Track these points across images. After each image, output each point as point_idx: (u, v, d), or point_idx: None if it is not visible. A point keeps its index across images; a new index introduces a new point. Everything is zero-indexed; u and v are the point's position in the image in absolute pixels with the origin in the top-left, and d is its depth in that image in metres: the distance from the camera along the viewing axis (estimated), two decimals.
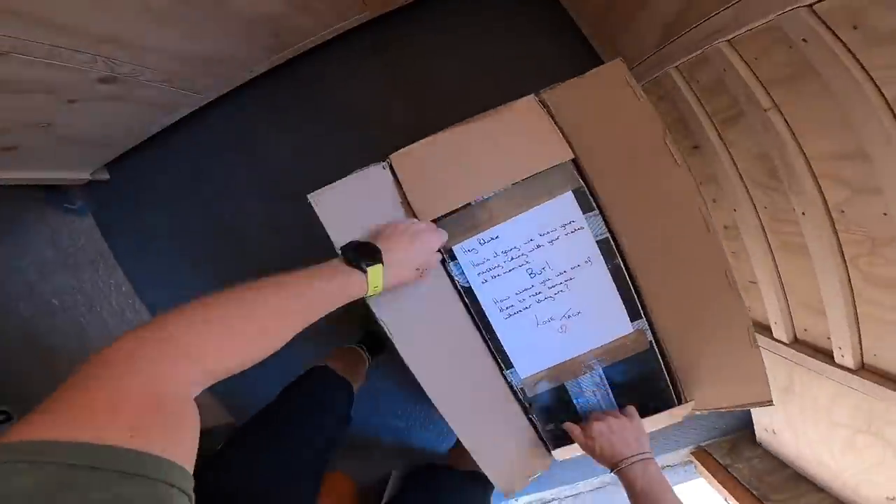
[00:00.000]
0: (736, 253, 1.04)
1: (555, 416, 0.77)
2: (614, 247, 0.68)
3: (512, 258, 0.69)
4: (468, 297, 0.70)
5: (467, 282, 0.70)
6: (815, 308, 0.85)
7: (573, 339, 0.71)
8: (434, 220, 0.68)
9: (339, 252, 0.55)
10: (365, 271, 0.53)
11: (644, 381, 0.75)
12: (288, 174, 1.37)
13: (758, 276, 0.94)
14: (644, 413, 0.76)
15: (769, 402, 0.70)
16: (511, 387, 0.74)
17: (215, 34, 1.03)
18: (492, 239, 0.69)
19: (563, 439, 0.79)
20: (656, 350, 0.72)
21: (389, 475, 1.57)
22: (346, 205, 0.69)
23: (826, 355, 0.88)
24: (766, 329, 1.03)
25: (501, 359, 0.72)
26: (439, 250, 0.67)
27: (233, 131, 1.38)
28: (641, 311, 0.70)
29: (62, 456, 0.24)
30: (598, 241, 0.68)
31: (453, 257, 0.70)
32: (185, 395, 0.34)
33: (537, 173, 0.68)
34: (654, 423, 0.78)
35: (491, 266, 0.69)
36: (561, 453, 0.79)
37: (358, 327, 1.42)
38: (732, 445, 1.43)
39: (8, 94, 0.87)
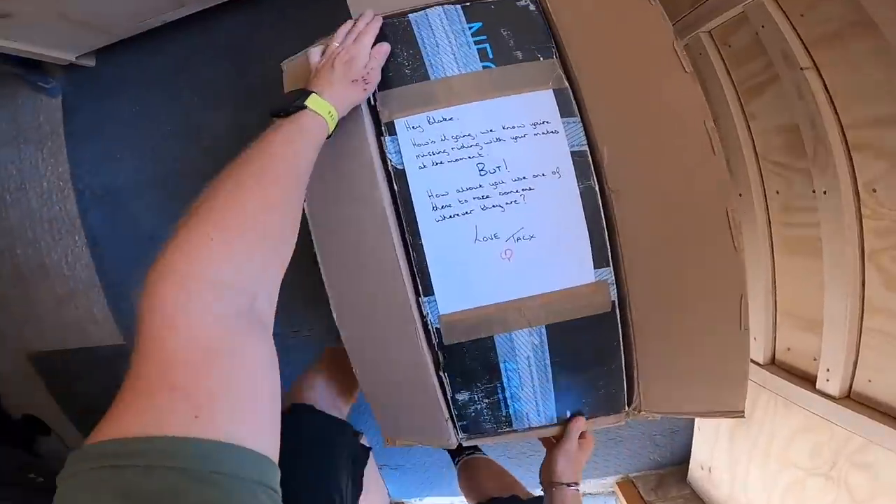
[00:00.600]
0: None
1: (470, 381, 0.59)
2: (591, 164, 0.55)
3: (463, 146, 0.54)
4: (398, 183, 0.55)
5: (402, 162, 0.55)
6: (808, 321, 0.74)
7: (517, 274, 0.55)
8: (382, 88, 0.56)
9: (271, 115, 0.48)
10: (305, 107, 0.47)
11: (594, 356, 0.58)
12: (272, 89, 1.32)
13: (749, 280, 0.80)
14: (580, 414, 0.61)
15: (740, 413, 0.55)
16: (425, 324, 0.57)
17: None
18: (444, 119, 0.55)
19: (478, 428, 0.61)
20: (618, 315, 0.57)
21: None
22: None
23: (806, 380, 0.76)
24: None
25: (420, 279, 0.56)
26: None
27: (232, 38, 1.32)
28: (610, 258, 0.55)
29: (132, 457, 0.23)
30: (573, 152, 0.55)
31: (392, 131, 0.55)
32: (235, 334, 0.29)
33: (518, 63, 0.56)
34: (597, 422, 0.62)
35: (435, 150, 0.54)
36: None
37: None
38: (660, 480, 1.29)
39: None
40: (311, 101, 0.47)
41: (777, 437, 0.86)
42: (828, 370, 0.71)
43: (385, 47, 0.56)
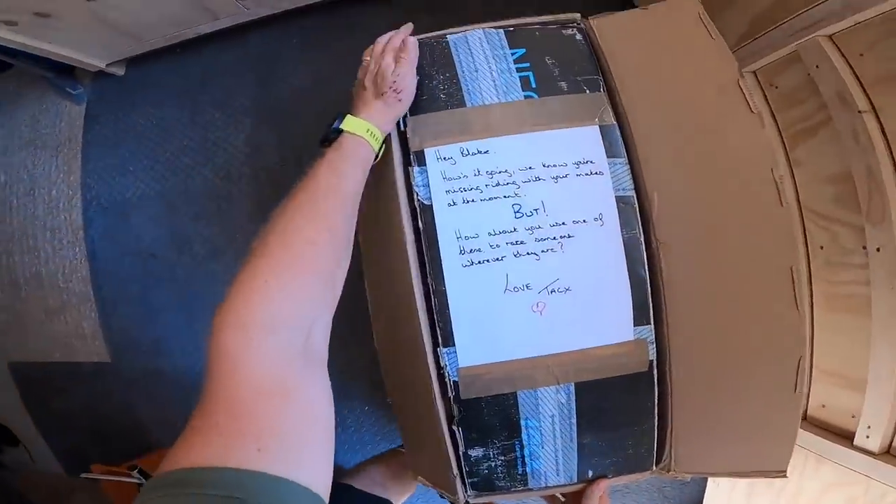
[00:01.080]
0: None
1: (486, 438, 0.55)
2: (638, 212, 0.50)
3: (498, 184, 0.50)
4: (423, 219, 0.50)
5: (429, 198, 0.50)
6: (846, 379, 0.71)
7: (548, 329, 0.51)
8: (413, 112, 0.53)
9: (319, 145, 0.49)
10: (342, 130, 0.47)
11: (625, 416, 0.54)
12: (291, 108, 1.34)
13: None
14: (603, 475, 0.57)
15: (782, 473, 0.51)
16: (441, 375, 0.52)
17: None
18: (478, 152, 0.50)
19: (490, 486, 0.57)
20: (655, 375, 0.52)
21: None
22: None
23: (842, 436, 0.73)
24: None
25: (441, 328, 0.51)
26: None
27: (258, 55, 1.34)
28: (651, 315, 0.51)
29: (198, 486, 0.25)
30: (618, 198, 0.50)
31: (421, 162, 0.50)
32: (293, 373, 0.32)
33: (563, 94, 0.52)
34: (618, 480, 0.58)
35: (466, 186, 0.50)
36: None
37: None
38: None
39: None
40: (347, 124, 0.47)
41: (806, 491, 0.83)
42: (868, 427, 0.69)
43: (411, 43, 0.52)
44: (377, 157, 0.49)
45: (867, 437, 0.67)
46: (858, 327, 0.67)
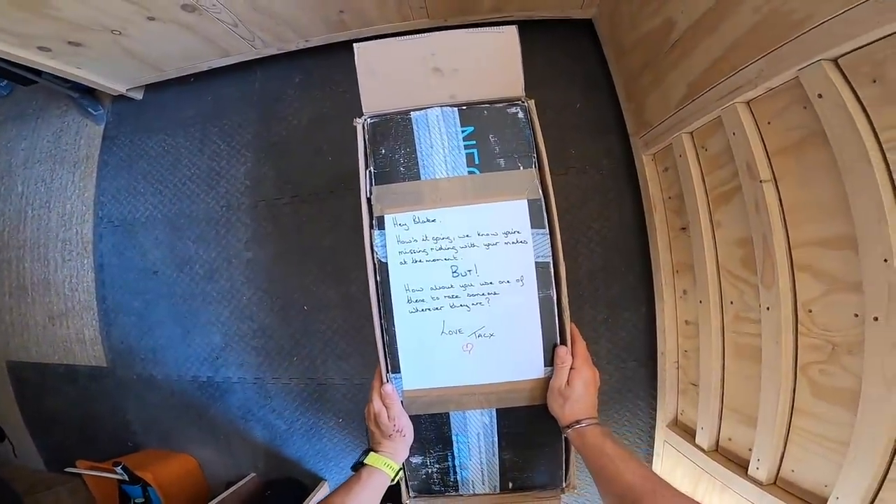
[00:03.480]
0: (687, 352, 1.03)
1: (425, 448, 0.72)
2: (553, 275, 0.66)
3: (441, 248, 0.66)
4: (380, 274, 0.66)
5: (385, 256, 0.66)
6: (748, 417, 0.85)
7: (475, 365, 0.67)
8: (378, 182, 0.67)
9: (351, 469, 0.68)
10: (364, 464, 0.66)
11: (537, 443, 0.70)
12: (290, 145, 1.50)
13: (702, 378, 0.93)
14: (521, 486, 0.73)
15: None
16: None
17: None
18: (427, 220, 0.66)
19: (427, 490, 0.74)
20: None
21: (243, 476, 1.45)
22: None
23: (740, 466, 0.87)
24: (690, 434, 1.01)
25: (389, 358, 0.67)
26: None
27: (263, 91, 1.51)
28: None
29: None
30: (537, 263, 0.66)
31: (381, 226, 0.66)
32: None
33: (500, 170, 0.67)
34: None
35: (416, 249, 0.66)
36: None
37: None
38: None
39: None
40: (370, 458, 0.66)
41: None
42: (758, 459, 0.83)
43: (388, 390, 0.67)
44: (394, 480, 0.67)
45: (757, 468, 0.82)
46: (755, 373, 0.81)
